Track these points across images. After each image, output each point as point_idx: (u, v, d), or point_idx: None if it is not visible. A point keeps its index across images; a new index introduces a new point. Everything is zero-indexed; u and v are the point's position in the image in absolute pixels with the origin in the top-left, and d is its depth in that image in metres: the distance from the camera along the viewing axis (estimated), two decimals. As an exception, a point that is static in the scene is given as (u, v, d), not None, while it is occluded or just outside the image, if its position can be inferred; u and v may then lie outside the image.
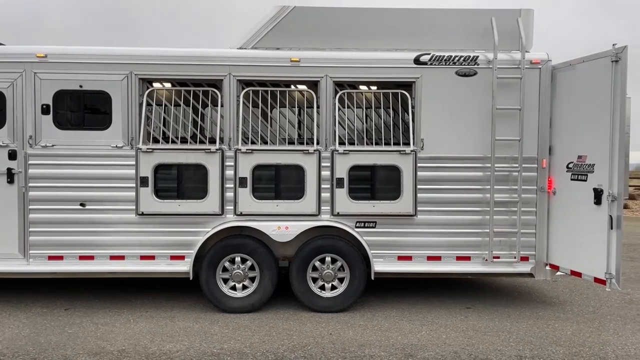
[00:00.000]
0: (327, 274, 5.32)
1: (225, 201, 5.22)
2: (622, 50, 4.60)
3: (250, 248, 5.26)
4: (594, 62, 4.84)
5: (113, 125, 5.18)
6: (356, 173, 5.28)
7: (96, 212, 5.20)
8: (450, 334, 4.71)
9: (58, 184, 5.18)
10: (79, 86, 5.16)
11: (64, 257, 5.23)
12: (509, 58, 5.30)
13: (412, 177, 5.25)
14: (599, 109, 4.74)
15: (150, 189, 5.15)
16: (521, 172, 5.25)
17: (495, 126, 5.22)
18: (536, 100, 5.28)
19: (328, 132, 5.30)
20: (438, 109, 5.29)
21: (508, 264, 5.34)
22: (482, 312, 5.38)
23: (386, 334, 4.69)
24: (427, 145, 5.29)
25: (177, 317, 5.13)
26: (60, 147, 5.17)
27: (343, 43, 5.44)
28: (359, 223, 5.33)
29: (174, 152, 5.19)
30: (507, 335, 4.68)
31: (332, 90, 5.31)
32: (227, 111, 5.24)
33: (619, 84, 4.59)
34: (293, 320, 5.05)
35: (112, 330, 4.75)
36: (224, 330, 4.77)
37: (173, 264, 5.26)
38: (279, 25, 5.44)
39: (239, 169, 5.19)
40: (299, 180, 5.25)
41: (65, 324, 4.91)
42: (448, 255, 5.36)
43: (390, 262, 5.35)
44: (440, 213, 5.32)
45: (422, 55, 5.28)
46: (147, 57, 5.19)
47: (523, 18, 5.39)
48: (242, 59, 5.26)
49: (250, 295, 5.30)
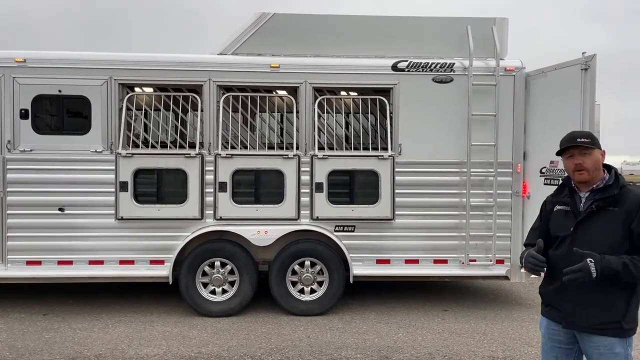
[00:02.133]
0: (307, 278, 5.37)
1: (205, 206, 5.25)
2: (591, 58, 4.75)
3: (229, 252, 5.30)
4: (564, 69, 4.98)
5: (92, 130, 5.19)
6: (335, 178, 5.35)
7: (75, 217, 5.20)
8: (426, 336, 4.79)
9: (37, 188, 5.16)
10: (58, 91, 5.16)
11: (42, 262, 5.21)
12: (484, 65, 5.42)
13: (390, 182, 5.33)
14: (570, 115, 4.87)
15: (130, 194, 5.17)
16: (496, 176, 5.36)
17: (471, 132, 5.33)
18: (510, 106, 5.41)
19: (308, 137, 5.36)
20: (415, 115, 5.39)
21: (484, 266, 5.45)
22: (458, 314, 5.47)
23: (363, 337, 4.76)
24: (405, 150, 5.38)
25: (156, 321, 5.14)
26: (39, 152, 5.16)
27: (322, 49, 5.52)
28: (338, 227, 5.39)
29: (153, 157, 5.21)
30: (481, 337, 4.78)
31: (312, 95, 5.38)
32: (207, 116, 5.28)
33: (589, 91, 4.73)
34: (272, 323, 5.09)
35: (89, 335, 4.75)
36: (203, 334, 4.80)
37: (153, 268, 5.27)
38: (259, 31, 5.51)
39: (219, 173, 5.24)
40: (279, 184, 5.30)
41: (43, 329, 4.89)
42: (426, 259, 5.44)
43: (369, 265, 5.42)
44: (418, 217, 5.41)
45: (400, 62, 5.38)
46: (126, 63, 5.22)
47: (498, 26, 5.53)
48: (222, 65, 5.32)
49: (230, 299, 5.33)
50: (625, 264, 2.20)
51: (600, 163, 2.40)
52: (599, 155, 2.40)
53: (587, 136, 2.42)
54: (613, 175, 2.39)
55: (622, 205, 2.30)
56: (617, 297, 2.28)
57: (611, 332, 2.29)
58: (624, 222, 2.28)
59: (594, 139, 2.41)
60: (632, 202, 2.30)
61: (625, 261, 2.21)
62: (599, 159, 2.40)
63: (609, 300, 2.28)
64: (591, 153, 2.38)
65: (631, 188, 2.37)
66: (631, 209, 2.28)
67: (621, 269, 2.20)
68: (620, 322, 2.28)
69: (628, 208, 2.29)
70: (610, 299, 2.28)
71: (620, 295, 2.28)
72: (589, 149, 2.38)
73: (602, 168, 2.42)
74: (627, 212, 2.28)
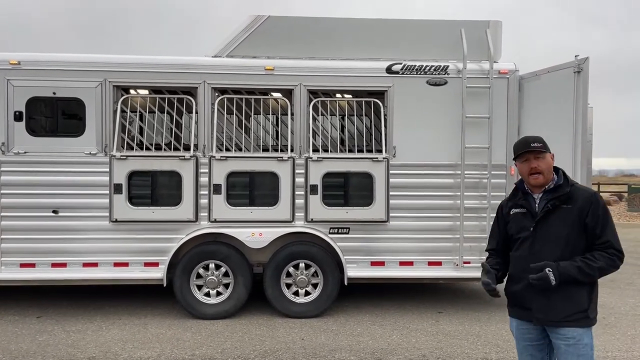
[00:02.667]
0: (301, 280, 5.38)
1: (199, 208, 5.25)
2: (584, 61, 4.78)
3: (224, 254, 5.30)
4: (557, 72, 5.02)
5: (87, 132, 5.19)
6: (330, 180, 5.36)
7: (69, 219, 5.19)
8: (420, 338, 4.80)
9: (30, 191, 5.16)
10: (52, 93, 5.16)
11: (36, 265, 5.20)
12: (478, 68, 5.44)
13: (385, 184, 5.34)
14: (563, 118, 4.90)
15: (124, 196, 5.16)
16: (490, 179, 5.38)
17: (465, 134, 5.35)
18: (504, 109, 5.43)
19: (302, 139, 5.37)
20: (410, 117, 5.40)
21: (478, 269, 5.39)
22: (452, 316, 5.48)
23: (357, 339, 4.76)
24: (399, 152, 5.39)
25: (150, 324, 5.13)
26: (33, 154, 5.16)
27: (317, 52, 5.54)
28: (332, 229, 5.40)
29: (148, 159, 5.21)
30: (475, 339, 4.79)
31: (307, 98, 5.39)
32: (201, 118, 5.29)
33: (581, 94, 4.77)
34: (266, 326, 5.10)
35: (83, 337, 4.74)
36: (197, 336, 4.79)
37: (147, 270, 5.27)
38: (254, 34, 5.52)
39: (213, 175, 5.24)
40: (273, 187, 5.31)
41: (37, 332, 4.88)
42: (420, 261, 5.45)
43: (363, 267, 5.43)
44: (412, 219, 5.43)
45: (394, 64, 5.40)
46: (121, 65, 5.22)
47: (491, 29, 5.55)
48: (217, 67, 5.32)
49: (224, 301, 5.33)
50: (579, 267, 2.39)
51: (551, 166, 2.56)
52: (550, 159, 2.56)
53: (540, 141, 2.57)
54: (562, 175, 2.56)
55: (575, 202, 2.48)
56: (580, 290, 2.45)
57: (580, 323, 2.44)
58: (578, 217, 2.46)
59: (544, 143, 2.57)
60: (583, 199, 2.47)
61: (579, 265, 2.40)
62: (551, 162, 2.56)
63: (574, 294, 2.44)
64: (544, 157, 2.54)
65: (579, 186, 2.58)
66: (583, 205, 2.46)
67: (577, 273, 2.39)
68: (586, 311, 2.45)
69: (580, 205, 2.46)
70: (575, 293, 2.45)
71: (582, 289, 2.45)
72: (542, 152, 2.53)
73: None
74: (579, 208, 2.46)
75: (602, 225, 2.43)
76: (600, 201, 2.47)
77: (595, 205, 2.45)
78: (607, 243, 2.42)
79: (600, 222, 2.43)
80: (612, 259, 2.41)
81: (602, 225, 2.43)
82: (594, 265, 2.39)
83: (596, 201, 2.46)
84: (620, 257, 2.44)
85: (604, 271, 2.43)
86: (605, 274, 2.45)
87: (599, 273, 2.42)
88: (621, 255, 2.44)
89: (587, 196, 2.48)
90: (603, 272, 2.43)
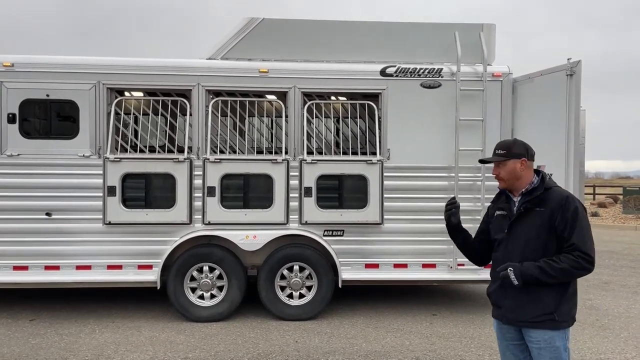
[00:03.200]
0: (295, 283, 5.37)
1: (193, 210, 5.24)
2: (577, 64, 4.80)
3: (218, 257, 5.29)
4: (550, 75, 5.04)
5: (80, 134, 5.18)
6: (324, 182, 5.36)
7: (62, 221, 5.17)
8: (414, 341, 4.80)
9: (24, 193, 5.14)
10: (46, 95, 5.15)
11: (29, 267, 5.18)
12: (472, 71, 5.46)
13: (379, 186, 5.35)
14: (556, 121, 4.92)
15: (118, 199, 5.15)
16: (484, 181, 5.39)
17: (459, 136, 5.36)
18: (498, 111, 5.45)
19: (297, 141, 5.37)
20: (404, 120, 5.41)
21: (472, 271, 5.45)
22: (447, 318, 5.49)
23: (351, 342, 4.76)
24: (393, 155, 5.40)
25: (144, 326, 5.12)
26: (27, 157, 5.14)
27: (311, 54, 5.55)
28: (327, 231, 5.40)
29: (142, 162, 5.20)
30: (469, 341, 4.79)
31: (301, 100, 5.40)
32: (195, 121, 5.28)
33: (574, 97, 4.79)
34: (260, 328, 5.09)
35: (76, 340, 4.72)
36: (190, 339, 4.78)
37: (140, 273, 5.25)
38: (249, 36, 5.52)
39: (208, 178, 5.23)
40: (268, 189, 5.30)
41: (30, 335, 4.86)
42: (414, 263, 5.46)
43: (357, 270, 5.43)
44: (407, 221, 5.43)
45: (388, 67, 5.41)
46: (115, 67, 5.21)
47: (485, 32, 5.57)
48: (211, 70, 5.32)
49: (218, 304, 5.32)
50: (540, 267, 2.39)
51: (517, 172, 2.57)
52: (515, 165, 2.56)
53: (505, 147, 2.62)
54: (539, 179, 2.57)
55: (547, 205, 2.47)
56: (547, 292, 2.43)
57: (546, 325, 2.44)
58: (548, 221, 2.45)
59: (510, 149, 2.59)
60: (555, 202, 2.46)
61: (541, 264, 2.40)
62: (516, 169, 2.56)
63: (541, 296, 2.44)
64: (505, 164, 2.58)
65: (557, 189, 2.54)
66: (554, 208, 2.45)
67: (538, 273, 2.39)
68: (553, 313, 2.43)
69: (551, 208, 2.46)
70: (542, 295, 2.43)
71: (549, 291, 2.43)
72: (501, 161, 2.59)
73: (532, 173, 2.59)
74: (550, 211, 2.45)
75: (570, 228, 2.40)
76: (571, 204, 2.44)
77: (565, 208, 2.42)
78: (572, 246, 2.39)
79: (568, 224, 2.41)
80: (576, 260, 2.36)
81: (570, 228, 2.40)
82: (555, 266, 2.36)
83: (566, 204, 2.43)
84: (587, 260, 2.37)
85: (568, 273, 2.38)
86: (570, 276, 2.41)
87: (562, 274, 2.37)
88: (588, 258, 2.37)
89: (558, 199, 2.46)
90: (566, 274, 2.38)
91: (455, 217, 2.83)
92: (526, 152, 2.59)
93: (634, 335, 5.09)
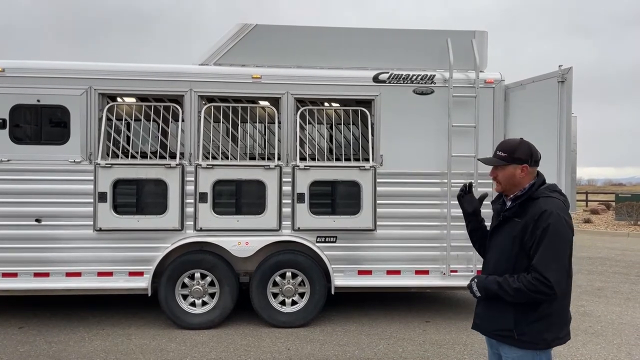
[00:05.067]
0: (288, 289, 5.34)
1: (185, 216, 5.20)
2: (568, 71, 4.83)
3: (210, 264, 5.25)
4: (542, 82, 5.06)
5: (71, 140, 5.14)
6: (317, 188, 5.34)
7: (52, 228, 5.12)
8: (407, 348, 4.77)
9: (13, 199, 5.08)
10: (36, 101, 5.11)
11: (18, 274, 5.11)
12: (464, 77, 5.48)
13: (372, 193, 5.33)
14: (548, 127, 4.94)
15: (109, 205, 5.10)
16: (477, 187, 5.38)
17: (452, 143, 5.37)
18: (490, 118, 5.47)
19: (289, 147, 5.36)
20: (397, 126, 5.42)
21: (465, 277, 5.44)
22: (440, 325, 5.46)
23: (344, 349, 4.72)
24: (386, 161, 5.40)
25: (134, 334, 5.06)
26: (16, 162, 5.09)
27: (304, 61, 5.55)
28: (319, 238, 5.37)
29: (133, 167, 5.17)
30: (462, 348, 4.77)
31: (294, 106, 5.39)
32: (188, 126, 5.26)
33: (565, 103, 4.81)
34: (252, 336, 5.04)
35: (65, 348, 4.66)
36: (181, 347, 4.73)
37: (131, 280, 5.19)
38: (242, 42, 5.51)
39: (200, 184, 5.20)
40: (260, 195, 5.28)
41: (18, 343, 4.79)
42: (407, 270, 5.44)
43: (350, 276, 5.40)
44: (399, 228, 5.42)
45: (381, 73, 5.42)
46: (106, 72, 5.18)
47: (477, 39, 5.60)
48: (203, 75, 5.31)
49: (210, 311, 5.27)
50: (499, 283, 2.30)
51: (516, 178, 2.39)
52: (515, 171, 2.38)
53: (507, 149, 2.41)
54: (529, 186, 2.38)
55: (524, 217, 2.31)
56: (507, 308, 2.32)
57: (507, 341, 2.35)
58: (521, 235, 2.30)
59: (513, 153, 2.39)
60: (530, 215, 2.28)
61: (499, 281, 2.30)
62: (515, 174, 2.38)
63: (501, 310, 2.35)
64: (504, 168, 2.40)
65: (542, 201, 2.31)
66: (527, 222, 2.28)
67: (496, 289, 2.30)
68: (512, 330, 2.31)
69: (526, 221, 2.29)
70: (502, 309, 2.34)
71: (508, 307, 2.32)
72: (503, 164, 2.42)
73: (532, 179, 2.41)
74: (524, 224, 2.29)
75: (536, 246, 2.23)
76: (545, 220, 2.22)
77: (537, 225, 2.24)
78: (532, 266, 2.22)
79: (535, 242, 2.23)
80: (533, 284, 2.19)
81: (536, 246, 2.23)
82: (512, 285, 2.24)
83: (540, 219, 2.23)
84: (545, 284, 2.17)
85: (523, 294, 2.22)
86: (526, 298, 2.23)
87: (517, 294, 2.23)
88: (546, 282, 2.17)
89: (534, 213, 2.27)
90: (521, 294, 2.22)
91: (470, 205, 2.66)
92: (529, 158, 2.39)
93: (627, 341, 5.09)
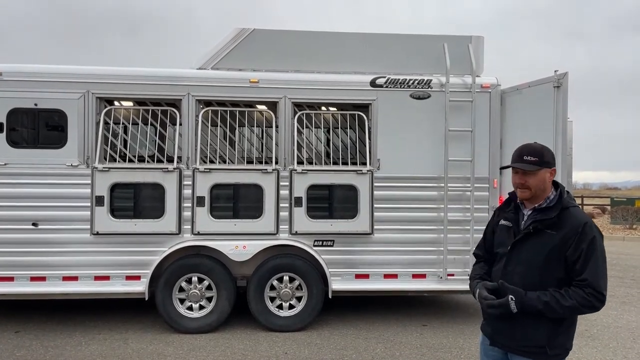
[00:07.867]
0: (285, 293, 5.34)
1: (182, 220, 5.20)
2: (563, 76, 4.87)
3: (207, 267, 5.24)
4: (538, 87, 5.10)
5: (69, 143, 5.13)
6: (314, 192, 5.36)
7: (49, 231, 5.10)
8: (404, 351, 4.77)
9: (10, 203, 5.07)
10: (34, 104, 5.11)
11: (15, 278, 5.09)
12: (460, 82, 5.51)
13: (369, 196, 5.35)
14: (544, 131, 4.97)
15: (106, 208, 5.10)
16: (473, 191, 5.42)
17: (448, 147, 5.39)
18: (487, 122, 5.50)
19: (287, 151, 5.37)
20: (394, 130, 5.44)
21: (462, 281, 5.46)
22: (437, 329, 5.47)
23: (341, 353, 4.72)
24: (383, 165, 5.42)
25: (131, 338, 5.04)
26: (14, 166, 5.08)
27: (302, 65, 5.57)
28: (317, 241, 5.38)
29: (130, 171, 5.17)
30: (459, 352, 4.78)
31: (291, 110, 5.40)
32: (185, 130, 5.27)
33: (561, 108, 4.85)
34: (249, 340, 5.04)
35: (61, 353, 4.64)
36: (179, 351, 4.72)
37: (128, 284, 5.18)
38: (239, 46, 5.53)
39: (197, 188, 5.20)
40: (258, 199, 5.28)
41: (15, 347, 4.77)
42: (404, 273, 5.45)
43: (347, 280, 5.40)
44: (397, 231, 5.43)
45: (378, 78, 5.44)
46: (104, 76, 5.19)
47: (474, 44, 5.64)
48: (201, 79, 5.32)
49: (207, 315, 5.26)
50: (546, 303, 2.14)
51: (546, 183, 2.27)
52: (545, 175, 2.26)
53: (535, 154, 2.26)
54: (557, 195, 2.27)
55: (560, 229, 2.19)
56: (542, 323, 2.20)
57: (536, 356, 2.23)
58: (559, 248, 2.18)
59: (542, 156, 2.26)
60: (570, 228, 2.17)
61: (547, 300, 2.14)
62: (546, 179, 2.26)
63: (535, 325, 2.21)
64: (536, 173, 2.24)
65: (574, 211, 2.23)
66: (568, 235, 2.16)
67: (542, 308, 2.15)
68: (545, 347, 2.21)
69: (565, 234, 2.17)
70: (536, 324, 2.21)
71: (543, 324, 2.20)
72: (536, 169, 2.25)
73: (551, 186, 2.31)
74: (563, 237, 2.17)
75: (583, 261, 2.13)
76: (588, 233, 2.15)
77: (581, 237, 2.14)
78: (585, 282, 2.12)
79: (582, 257, 2.13)
80: (588, 299, 2.11)
81: (583, 261, 2.13)
82: (564, 303, 2.12)
83: (583, 232, 2.14)
84: (599, 299, 2.12)
85: (576, 311, 2.15)
86: (578, 313, 2.18)
87: (569, 312, 2.15)
88: (600, 297, 2.12)
89: (574, 225, 2.16)
90: (574, 311, 2.15)
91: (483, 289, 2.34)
92: (554, 161, 2.30)
93: (623, 345, 5.11)
